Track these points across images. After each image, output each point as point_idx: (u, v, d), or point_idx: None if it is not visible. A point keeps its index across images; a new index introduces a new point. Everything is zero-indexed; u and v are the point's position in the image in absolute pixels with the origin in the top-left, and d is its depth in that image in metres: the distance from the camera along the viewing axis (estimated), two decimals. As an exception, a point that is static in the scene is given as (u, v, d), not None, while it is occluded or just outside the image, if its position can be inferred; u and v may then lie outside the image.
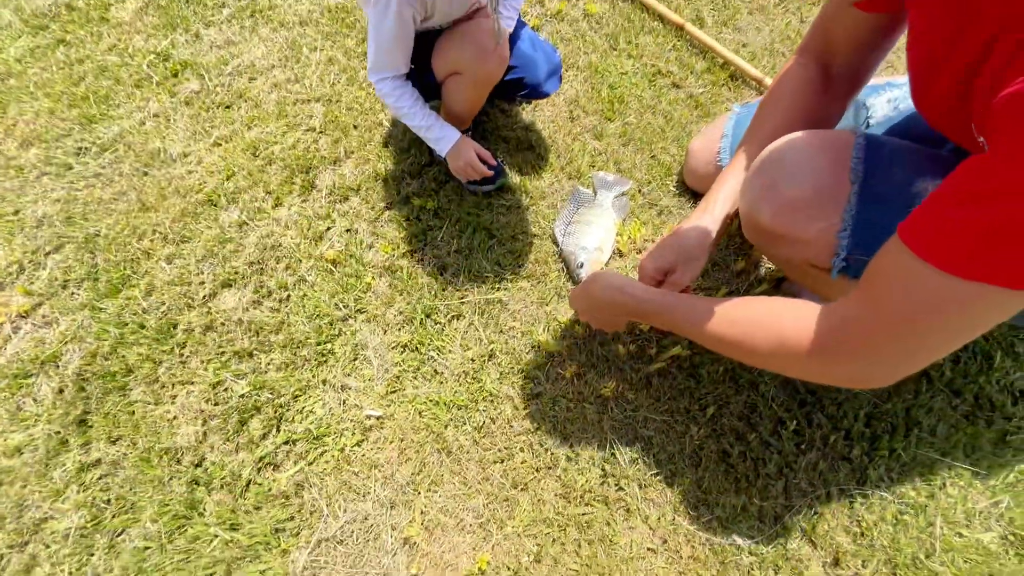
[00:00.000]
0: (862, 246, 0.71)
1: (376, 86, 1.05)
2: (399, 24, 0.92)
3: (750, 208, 0.79)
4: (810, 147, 0.75)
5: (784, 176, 0.74)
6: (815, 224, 0.73)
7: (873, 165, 0.71)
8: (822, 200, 0.72)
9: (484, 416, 1.02)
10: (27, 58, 1.52)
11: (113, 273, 1.19)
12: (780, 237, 0.77)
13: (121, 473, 1.01)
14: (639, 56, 1.42)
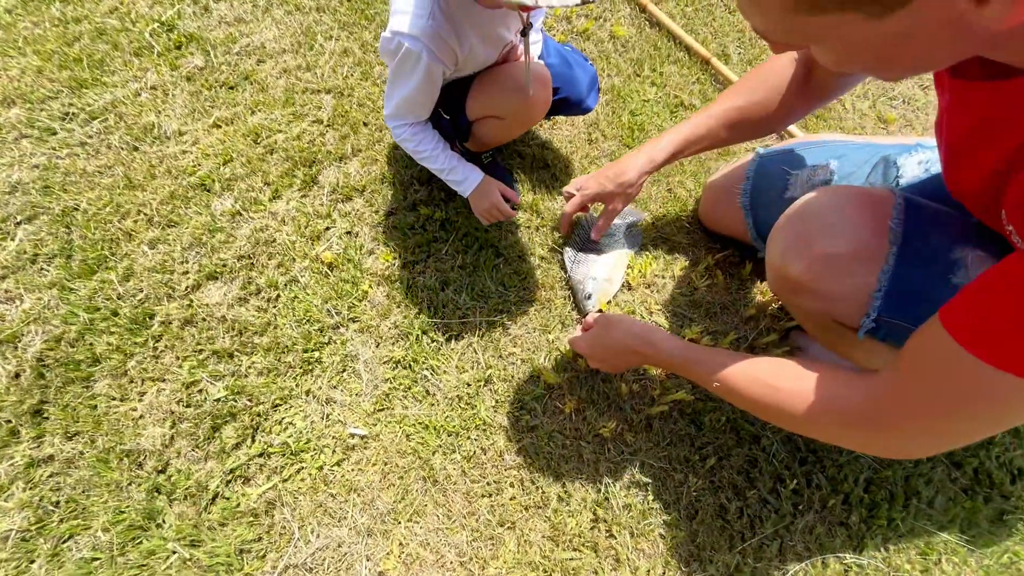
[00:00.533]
0: (894, 308, 0.70)
1: (394, 131, 0.99)
2: (427, 81, 0.87)
3: (780, 258, 0.77)
4: (849, 203, 0.73)
5: (821, 230, 0.73)
6: (849, 281, 0.72)
7: (912, 227, 0.70)
8: (859, 258, 0.71)
9: (475, 446, 0.97)
10: (18, 9, 1.42)
11: (89, 252, 1.10)
12: (809, 290, 0.76)
13: (75, 473, 0.93)
14: (663, 85, 1.39)
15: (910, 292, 0.69)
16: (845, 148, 0.99)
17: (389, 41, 0.84)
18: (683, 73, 1.41)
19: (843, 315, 0.75)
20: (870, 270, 0.70)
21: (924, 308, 0.68)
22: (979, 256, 0.66)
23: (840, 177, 0.95)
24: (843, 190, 0.76)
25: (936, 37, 0.40)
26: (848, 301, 0.72)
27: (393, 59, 0.86)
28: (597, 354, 0.90)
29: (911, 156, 0.90)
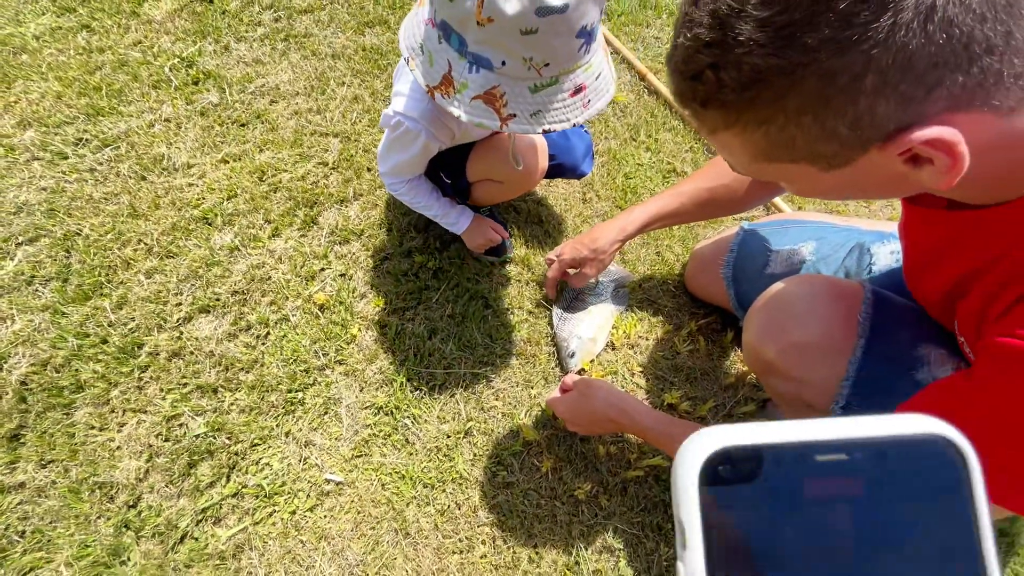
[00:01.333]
0: (861, 397, 0.73)
1: (390, 186, 1.04)
2: (423, 152, 0.92)
3: (757, 341, 0.81)
4: (822, 294, 0.78)
5: (794, 318, 0.77)
6: (820, 369, 0.75)
7: (879, 322, 0.74)
8: (830, 348, 0.74)
9: (450, 499, 0.97)
10: (46, 37, 1.48)
11: (86, 277, 1.12)
12: (781, 373, 0.80)
13: (44, 503, 0.92)
14: (657, 151, 1.45)
15: (876, 384, 0.72)
16: (824, 230, 1.03)
17: (390, 118, 0.88)
18: (677, 141, 1.47)
19: (813, 399, 0.78)
20: (839, 360, 0.73)
21: (889, 401, 0.71)
22: (941, 354, 0.70)
23: (818, 258, 0.99)
24: (818, 280, 0.80)
25: (882, 186, 0.45)
26: (818, 387, 0.76)
27: (393, 132, 0.90)
28: (574, 418, 0.92)
29: (884, 245, 0.95)
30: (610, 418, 0.87)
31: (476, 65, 0.67)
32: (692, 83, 0.43)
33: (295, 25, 1.58)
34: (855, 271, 0.95)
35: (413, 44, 0.74)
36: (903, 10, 0.33)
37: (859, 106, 0.37)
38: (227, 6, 1.59)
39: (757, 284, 1.05)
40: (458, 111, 0.69)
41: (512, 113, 0.69)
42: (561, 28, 0.62)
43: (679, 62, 0.44)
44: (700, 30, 0.40)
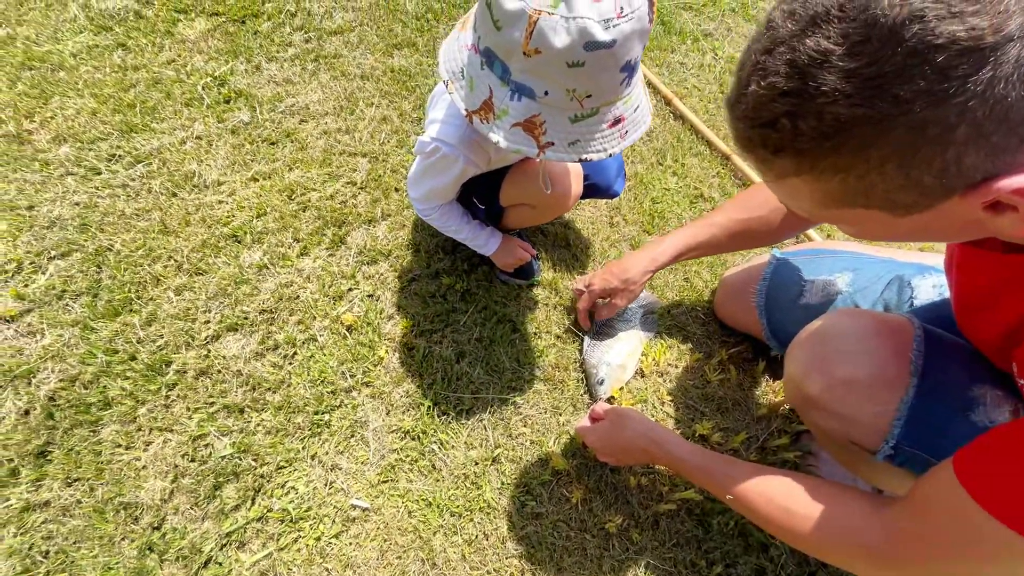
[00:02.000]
0: (912, 438, 0.71)
1: (421, 211, 1.04)
2: (459, 177, 0.92)
3: (801, 376, 0.79)
4: (871, 329, 0.76)
5: (842, 355, 0.75)
6: (869, 407, 0.73)
7: (932, 360, 0.72)
8: (880, 385, 0.73)
9: (478, 529, 0.95)
10: (83, 54, 1.51)
11: (116, 293, 1.12)
12: (827, 410, 0.78)
13: (69, 522, 0.91)
14: (684, 175, 1.45)
15: (929, 424, 0.70)
16: (860, 261, 1.02)
17: (427, 144, 0.88)
18: (703, 166, 1.47)
19: (860, 437, 0.76)
20: (890, 398, 0.71)
21: (942, 442, 0.69)
22: (997, 395, 0.68)
23: (855, 290, 0.98)
24: (866, 315, 0.79)
25: (953, 229, 0.44)
26: (866, 426, 0.74)
27: (429, 159, 0.90)
28: (605, 448, 0.90)
29: (925, 279, 0.93)
30: (643, 449, 0.85)
31: (518, 93, 0.67)
32: (764, 130, 0.42)
33: (325, 46, 1.60)
34: (895, 304, 0.93)
35: (454, 68, 0.74)
36: (1003, 63, 0.33)
37: (947, 156, 0.37)
38: (259, 27, 1.62)
39: (791, 314, 1.04)
40: (496, 136, 0.69)
41: (550, 141, 0.69)
42: (607, 63, 0.62)
43: (748, 109, 0.42)
44: (776, 79, 0.39)
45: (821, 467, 1.03)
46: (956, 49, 0.33)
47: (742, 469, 0.76)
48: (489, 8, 0.63)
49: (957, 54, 0.33)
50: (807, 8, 0.38)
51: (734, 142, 0.47)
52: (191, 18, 1.63)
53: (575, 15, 0.58)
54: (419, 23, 1.67)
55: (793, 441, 1.06)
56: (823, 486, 0.70)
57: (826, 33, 0.37)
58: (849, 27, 0.36)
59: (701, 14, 1.81)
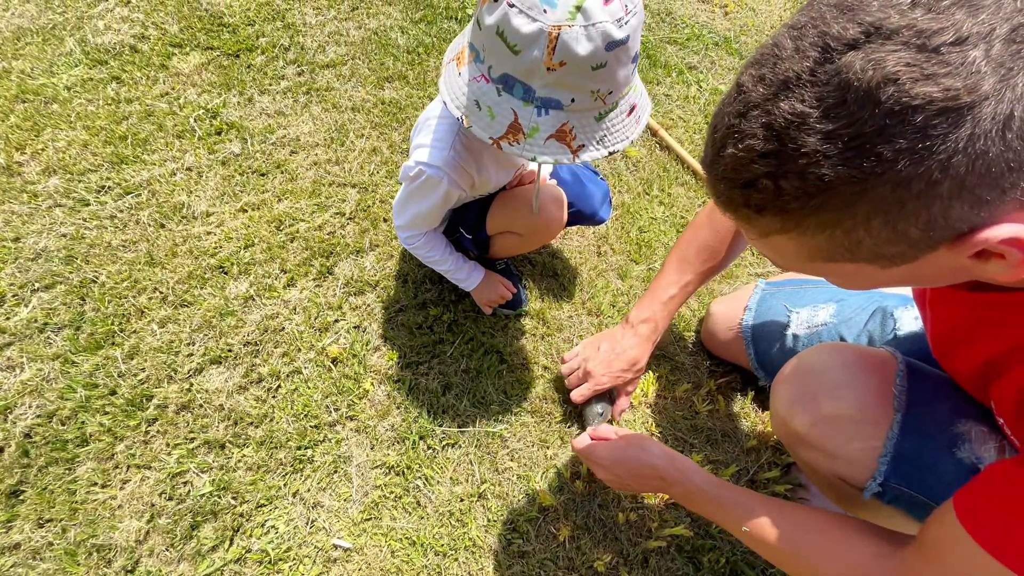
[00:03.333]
0: (899, 474, 0.71)
1: (405, 240, 1.04)
2: (443, 201, 0.93)
3: (786, 412, 0.78)
4: (854, 364, 0.76)
5: (827, 389, 0.75)
6: (855, 443, 0.73)
7: (916, 395, 0.72)
8: (864, 421, 0.72)
9: (463, 569, 0.92)
10: (77, 87, 1.53)
11: (99, 326, 1.11)
12: (813, 446, 0.77)
13: (39, 566, 0.88)
14: (670, 205, 1.47)
15: (915, 461, 0.69)
16: (845, 292, 1.03)
17: (411, 169, 0.89)
18: (689, 195, 1.49)
19: (847, 473, 0.75)
20: (875, 434, 0.71)
21: (929, 479, 0.69)
22: (982, 431, 0.67)
23: (839, 321, 0.98)
24: (849, 349, 0.78)
25: (940, 276, 0.44)
26: (853, 462, 0.73)
27: (413, 183, 0.91)
28: (612, 468, 0.85)
29: (908, 310, 0.94)
30: (659, 473, 0.80)
31: (545, 108, 0.69)
32: (745, 191, 0.42)
33: (317, 79, 1.63)
34: (879, 335, 0.94)
35: (466, 103, 0.75)
36: (981, 120, 0.33)
37: (933, 210, 0.37)
38: (253, 60, 1.65)
39: (778, 344, 1.04)
40: (531, 153, 0.71)
41: (581, 144, 0.71)
42: (623, 58, 0.66)
43: (727, 170, 0.42)
44: (753, 141, 0.39)
45: (812, 500, 1.02)
46: (933, 109, 0.33)
47: (755, 504, 0.74)
48: (502, 37, 0.66)
49: (935, 113, 0.33)
50: (777, 73, 0.38)
51: (715, 202, 0.47)
52: (186, 52, 1.66)
53: (593, 22, 0.61)
54: (410, 57, 1.71)
55: (784, 473, 1.05)
56: (835, 525, 0.69)
57: (800, 96, 0.37)
58: (823, 91, 0.36)
59: (685, 48, 1.86)
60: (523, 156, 0.71)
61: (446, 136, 0.87)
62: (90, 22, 1.69)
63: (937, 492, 0.69)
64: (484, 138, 0.72)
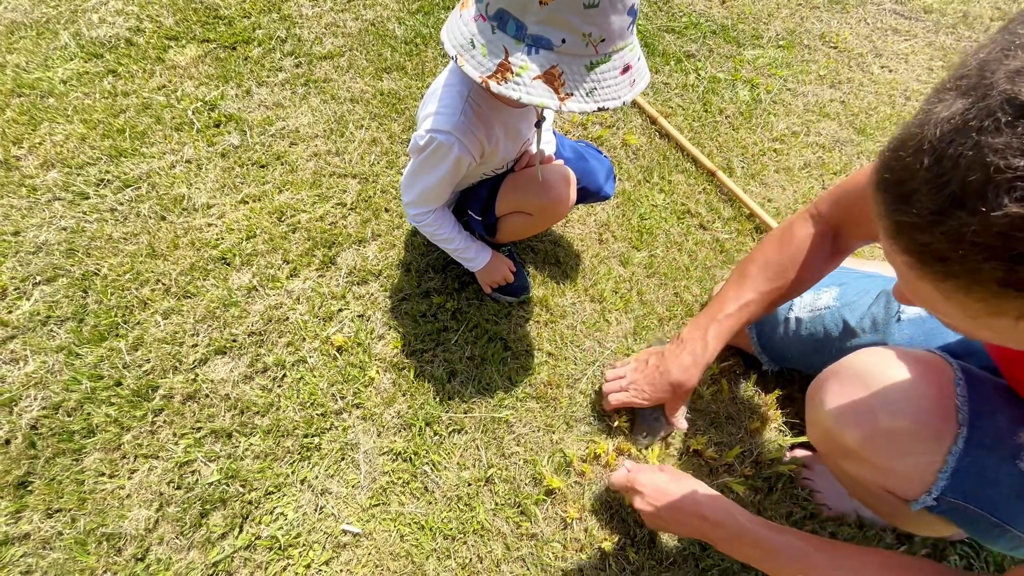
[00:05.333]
0: (957, 489, 0.67)
1: (415, 218, 1.04)
2: (453, 171, 0.93)
3: (836, 424, 0.73)
4: (912, 374, 0.70)
5: (883, 404, 0.69)
6: (912, 458, 0.68)
7: (978, 406, 0.67)
8: (926, 436, 0.67)
9: (472, 552, 0.93)
10: (73, 81, 1.52)
11: (102, 318, 1.11)
12: (863, 460, 0.73)
13: (50, 555, 0.88)
14: (671, 192, 1.47)
15: (977, 474, 0.66)
16: (846, 276, 1.03)
17: (421, 138, 0.89)
18: (690, 183, 1.49)
19: (897, 487, 0.71)
20: (935, 449, 0.66)
21: (990, 492, 0.66)
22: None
23: (842, 304, 0.99)
24: (903, 355, 0.72)
25: None
26: (908, 477, 0.69)
27: (423, 153, 0.91)
28: (652, 497, 0.82)
29: (911, 291, 0.94)
30: (701, 511, 0.76)
31: (535, 47, 0.69)
32: (1017, 267, 0.32)
33: (315, 71, 1.62)
34: (883, 318, 0.94)
35: (462, 42, 0.75)
36: None
37: None
38: (250, 52, 1.64)
39: (780, 328, 1.05)
40: (518, 93, 0.70)
41: (569, 92, 0.71)
42: (618, 3, 0.66)
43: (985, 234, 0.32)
44: None
45: (817, 480, 1.03)
46: None
47: (811, 549, 0.69)
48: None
49: None
50: None
51: (913, 260, 0.37)
52: (182, 45, 1.65)
53: None
54: (408, 47, 1.70)
55: (787, 454, 1.06)
56: (900, 570, 0.65)
57: None
58: None
59: (683, 36, 1.86)
60: (510, 96, 0.70)
61: (455, 102, 0.87)
62: (84, 15, 1.68)
63: (997, 504, 0.65)
64: (475, 76, 0.72)
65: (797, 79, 1.77)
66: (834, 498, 1.00)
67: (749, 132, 1.62)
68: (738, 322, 0.91)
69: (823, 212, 0.88)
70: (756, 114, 1.66)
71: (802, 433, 1.05)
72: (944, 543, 0.97)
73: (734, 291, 0.92)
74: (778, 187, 1.52)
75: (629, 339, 1.19)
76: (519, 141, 1.02)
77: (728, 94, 1.70)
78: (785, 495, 1.01)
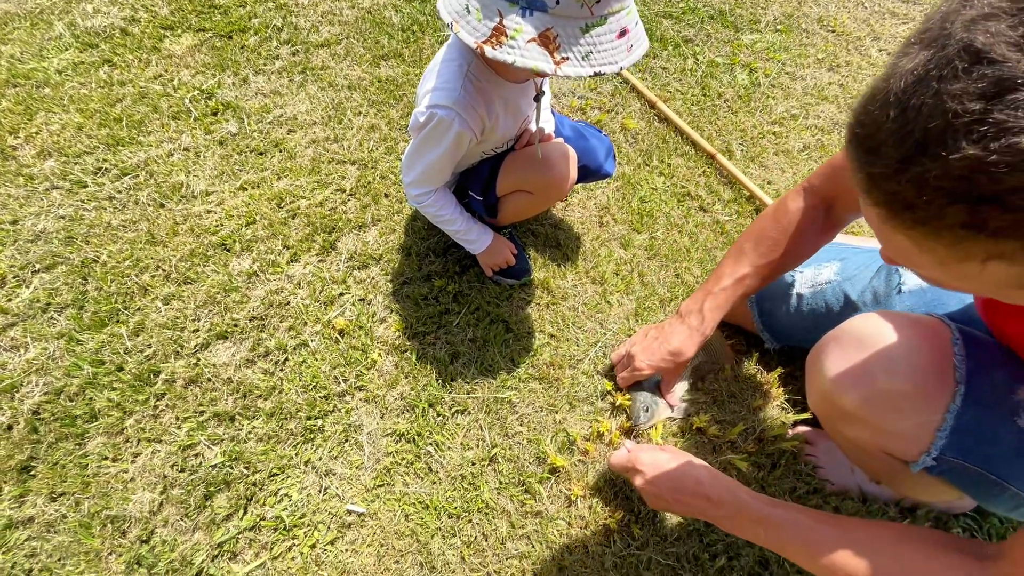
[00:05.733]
0: (956, 448, 0.67)
1: (416, 199, 1.04)
2: (455, 147, 0.92)
3: (834, 388, 0.73)
4: (908, 334, 0.70)
5: (883, 363, 0.69)
6: (911, 418, 0.69)
7: (976, 364, 0.67)
8: (925, 395, 0.67)
9: (477, 530, 0.93)
10: (68, 71, 1.52)
11: (102, 304, 1.11)
12: (862, 422, 0.73)
13: (54, 539, 0.88)
14: (670, 175, 1.47)
15: (975, 433, 0.66)
16: (845, 251, 1.03)
17: (421, 114, 0.89)
18: (689, 166, 1.49)
19: (897, 449, 0.71)
20: (934, 408, 0.67)
21: (989, 451, 0.66)
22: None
23: (843, 279, 0.99)
24: (900, 317, 0.72)
25: None
26: (907, 437, 0.69)
27: (423, 130, 0.91)
28: (654, 478, 0.81)
29: (913, 264, 0.94)
30: (704, 490, 0.75)
31: (530, 8, 0.68)
32: (980, 207, 0.32)
33: (312, 59, 1.62)
34: (884, 291, 0.94)
35: (457, 8, 0.74)
36: None
37: None
38: (246, 41, 1.63)
39: (782, 303, 1.05)
40: (512, 57, 0.69)
41: (565, 56, 0.70)
42: None
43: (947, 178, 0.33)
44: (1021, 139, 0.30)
45: (821, 457, 1.03)
46: None
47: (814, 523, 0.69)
48: None
49: None
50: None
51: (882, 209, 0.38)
52: (177, 34, 1.64)
53: None
54: (405, 35, 1.69)
55: (790, 431, 1.06)
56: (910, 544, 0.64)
57: None
58: None
59: (681, 21, 1.85)
60: (504, 59, 0.69)
61: (454, 77, 0.87)
62: (78, 6, 1.67)
63: (996, 462, 0.66)
64: (470, 42, 0.72)
65: (795, 63, 1.76)
66: (837, 473, 1.00)
67: (748, 115, 1.61)
68: (734, 295, 0.92)
69: (816, 186, 0.89)
70: (755, 98, 1.66)
71: (805, 410, 1.05)
72: (947, 516, 0.97)
73: (730, 266, 0.93)
74: (777, 169, 1.52)
75: (631, 320, 1.19)
76: (519, 117, 1.02)
77: (726, 78, 1.70)
78: (788, 471, 1.01)
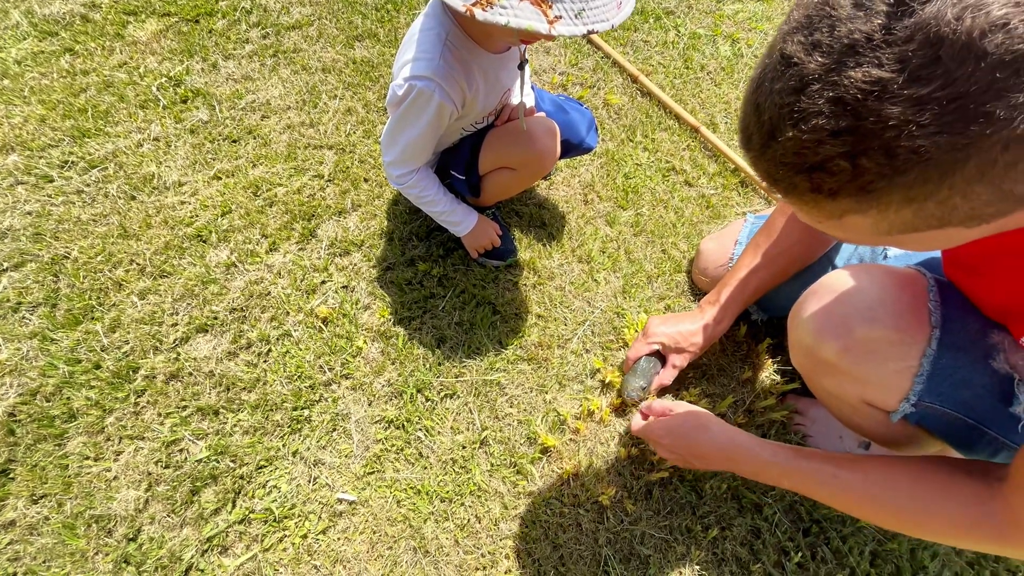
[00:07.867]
0: (934, 392, 0.68)
1: (398, 179, 1.01)
2: (436, 121, 0.90)
3: (814, 340, 0.74)
4: (887, 283, 0.71)
5: (860, 312, 0.70)
6: (890, 365, 0.70)
7: (950, 309, 0.69)
8: (901, 341, 0.68)
9: (469, 513, 0.93)
10: (28, 61, 1.45)
11: (76, 302, 1.07)
12: (843, 372, 0.74)
13: (37, 541, 0.86)
14: (655, 150, 1.45)
15: (951, 377, 0.67)
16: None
17: (400, 87, 0.86)
18: (673, 140, 1.47)
19: (876, 397, 0.73)
20: (910, 354, 0.68)
21: (965, 394, 0.67)
22: (1011, 341, 0.65)
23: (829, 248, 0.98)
24: (876, 269, 0.74)
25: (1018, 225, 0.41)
26: (886, 384, 0.70)
27: (402, 104, 0.88)
28: (678, 448, 0.84)
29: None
30: (725, 453, 0.79)
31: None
32: (814, 175, 0.38)
33: (283, 41, 1.56)
34: (869, 258, 0.94)
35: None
36: None
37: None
38: (213, 25, 1.57)
39: (769, 275, 1.04)
40: (505, 18, 0.68)
41: (558, 15, 0.69)
42: None
43: (787, 155, 0.38)
44: (821, 120, 0.35)
45: (810, 426, 1.04)
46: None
47: (835, 468, 0.71)
48: None
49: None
50: (837, 37, 0.34)
51: (771, 188, 0.43)
52: (141, 20, 1.58)
53: None
54: (379, 14, 1.64)
55: (779, 401, 1.06)
56: (925, 475, 0.66)
57: (874, 60, 0.32)
58: (904, 50, 0.32)
59: (661, -7, 1.82)
60: (497, 21, 0.67)
61: (433, 47, 0.84)
62: (35, -8, 1.59)
63: (973, 406, 0.67)
64: (458, 7, 0.69)
65: (778, 32, 1.74)
66: (826, 441, 1.01)
67: (731, 87, 1.59)
68: (748, 285, 0.98)
69: None
70: (738, 69, 1.63)
71: (793, 381, 1.05)
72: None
73: (748, 257, 1.00)
74: (762, 141, 1.50)
75: (618, 298, 1.18)
76: (499, 90, 0.99)
77: (709, 50, 1.67)
78: (779, 440, 1.02)
